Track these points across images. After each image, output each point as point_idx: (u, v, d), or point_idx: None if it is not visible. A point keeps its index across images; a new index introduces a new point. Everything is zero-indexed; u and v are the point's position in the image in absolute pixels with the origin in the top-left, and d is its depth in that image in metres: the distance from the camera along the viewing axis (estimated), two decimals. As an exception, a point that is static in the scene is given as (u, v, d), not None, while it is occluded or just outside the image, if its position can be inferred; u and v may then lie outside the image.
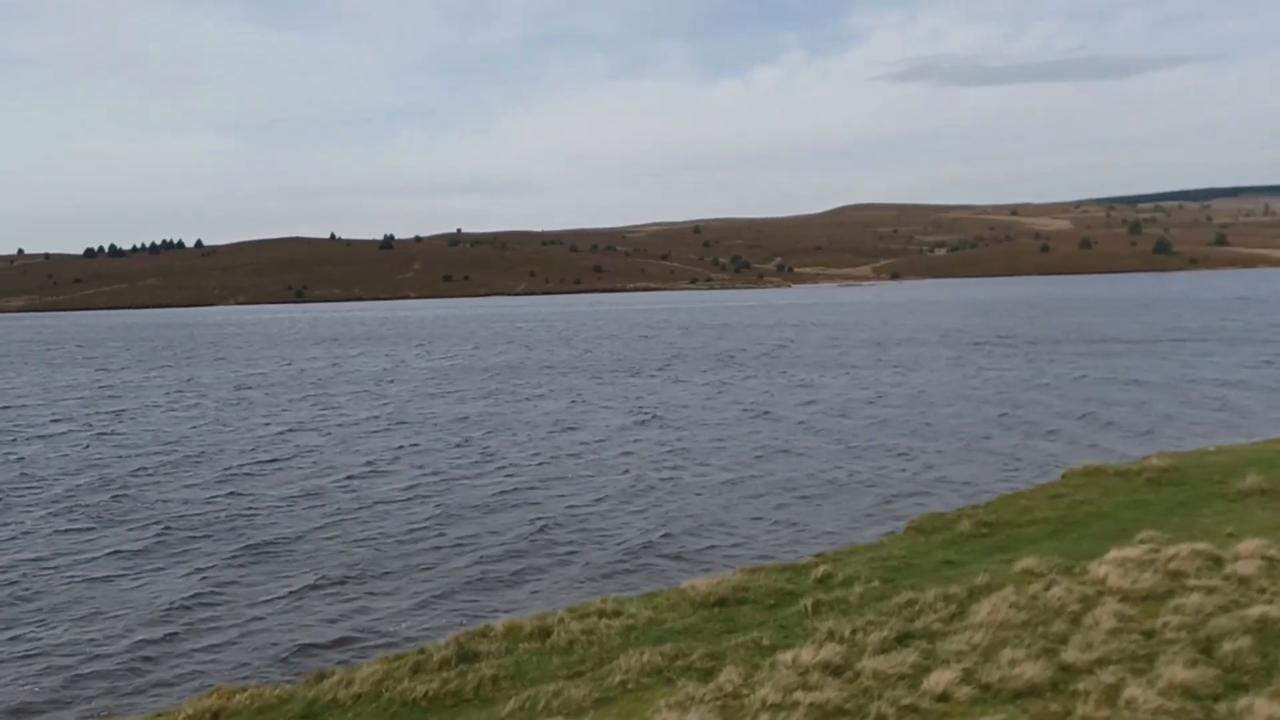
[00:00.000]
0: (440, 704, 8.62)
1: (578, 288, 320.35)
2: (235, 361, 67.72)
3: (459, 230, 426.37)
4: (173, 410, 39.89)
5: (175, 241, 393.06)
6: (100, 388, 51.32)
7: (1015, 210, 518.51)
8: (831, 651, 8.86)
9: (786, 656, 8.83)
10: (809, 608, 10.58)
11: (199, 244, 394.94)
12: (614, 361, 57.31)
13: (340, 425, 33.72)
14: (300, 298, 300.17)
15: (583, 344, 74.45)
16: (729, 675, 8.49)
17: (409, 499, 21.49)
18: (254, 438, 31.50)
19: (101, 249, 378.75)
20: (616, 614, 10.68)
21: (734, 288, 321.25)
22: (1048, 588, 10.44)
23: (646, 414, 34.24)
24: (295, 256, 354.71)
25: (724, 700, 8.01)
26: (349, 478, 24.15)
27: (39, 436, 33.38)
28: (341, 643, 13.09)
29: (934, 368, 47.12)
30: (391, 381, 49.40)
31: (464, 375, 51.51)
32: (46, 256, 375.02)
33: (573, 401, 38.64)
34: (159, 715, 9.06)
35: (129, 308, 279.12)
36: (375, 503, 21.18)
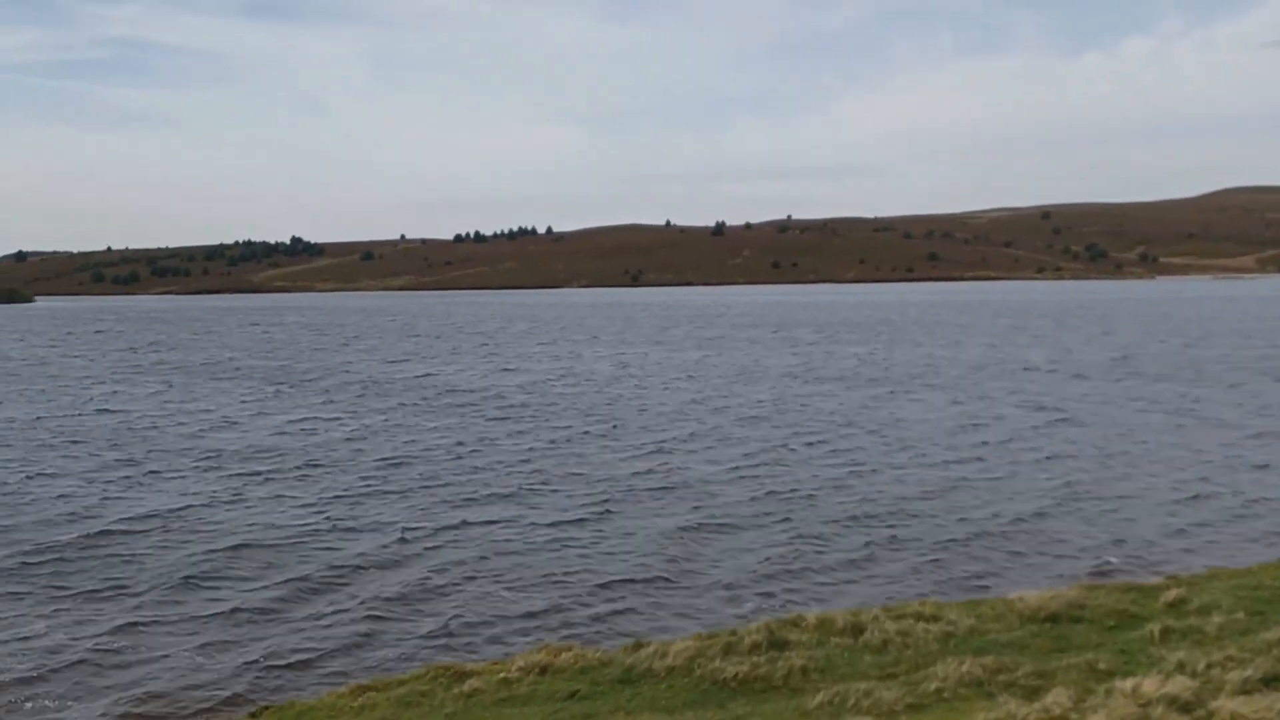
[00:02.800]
0: (749, 687, 8.71)
1: (910, 276, 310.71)
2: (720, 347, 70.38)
3: (789, 216, 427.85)
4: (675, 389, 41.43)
5: (530, 228, 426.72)
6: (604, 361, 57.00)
7: None
8: (1181, 685, 7.94)
9: (1126, 684, 8.04)
10: (1155, 634, 9.56)
11: (549, 230, 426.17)
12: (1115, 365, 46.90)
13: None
14: (635, 282, 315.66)
15: (1008, 338, 66.56)
16: (1057, 697, 7.86)
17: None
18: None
19: (468, 235, 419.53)
20: (935, 618, 10.25)
21: (1088, 278, 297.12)
22: None
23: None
24: (632, 243, 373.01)
25: (1050, 723, 7.44)
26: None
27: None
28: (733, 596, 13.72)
29: None
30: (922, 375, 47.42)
31: (913, 372, 45.25)
32: (423, 241, 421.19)
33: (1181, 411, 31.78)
34: (495, 664, 9.89)
35: (489, 288, 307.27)
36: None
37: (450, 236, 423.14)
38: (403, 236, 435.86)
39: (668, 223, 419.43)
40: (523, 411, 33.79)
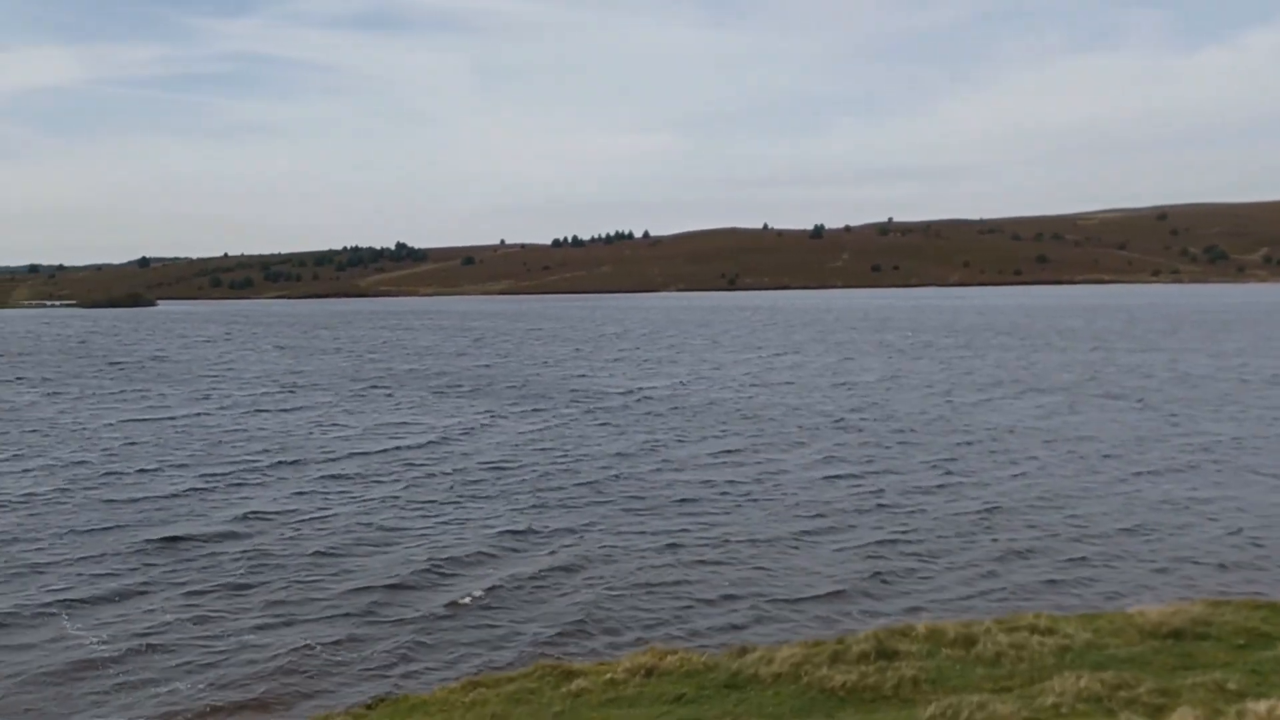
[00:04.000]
0: (858, 696, 8.61)
1: (1017, 279, 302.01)
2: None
3: (890, 219, 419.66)
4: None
5: (626, 233, 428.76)
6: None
7: None
8: (1320, 710, 7.54)
9: (1259, 706, 7.66)
10: (1290, 655, 9.10)
11: (646, 234, 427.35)
12: None
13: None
14: (732, 285, 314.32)
15: (1155, 344, 62.53)
16: (1183, 717, 7.55)
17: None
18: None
19: (565, 240, 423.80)
20: (1050, 631, 9.95)
21: (1207, 282, 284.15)
22: None
23: None
24: (728, 246, 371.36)
25: (1176, 744, 7.16)
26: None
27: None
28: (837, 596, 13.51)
29: None
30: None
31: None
32: (522, 246, 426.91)
33: None
34: (602, 664, 9.99)
35: (586, 292, 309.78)
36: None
37: (548, 241, 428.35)
38: (502, 241, 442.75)
39: (765, 226, 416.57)
40: (679, 419, 33.41)
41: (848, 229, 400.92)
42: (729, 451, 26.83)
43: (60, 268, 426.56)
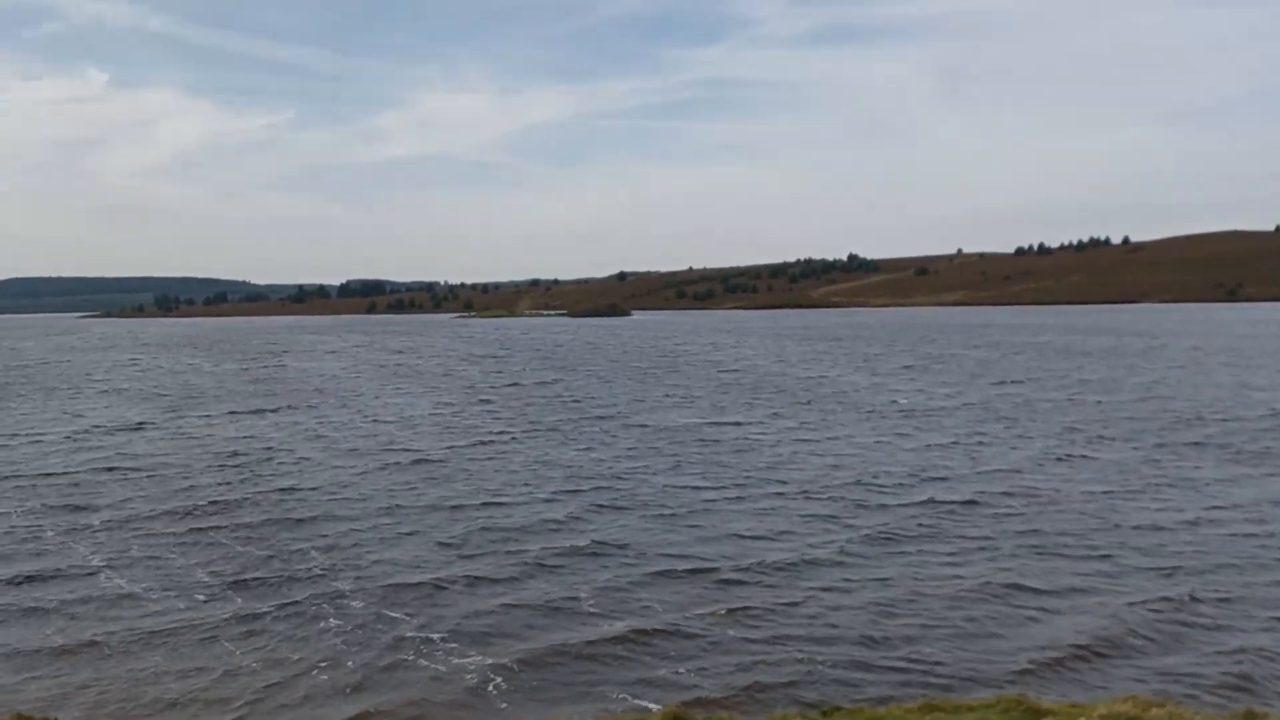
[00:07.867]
0: None
1: None
2: None
3: None
4: None
5: (1102, 239, 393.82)
6: None
7: None
8: None
9: None
10: None
11: (1125, 240, 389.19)
12: None
13: None
14: (1231, 296, 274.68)
15: None
16: None
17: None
18: None
19: (1030, 247, 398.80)
20: None
21: None
22: None
23: None
24: (1229, 251, 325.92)
25: None
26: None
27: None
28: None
29: None
30: None
31: None
32: (981, 255, 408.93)
33: None
34: (1073, 706, 9.15)
35: (1050, 303, 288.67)
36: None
37: (1010, 249, 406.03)
38: (959, 250, 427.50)
39: (1277, 228, 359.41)
40: None
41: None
42: None
43: (555, 281, 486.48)
